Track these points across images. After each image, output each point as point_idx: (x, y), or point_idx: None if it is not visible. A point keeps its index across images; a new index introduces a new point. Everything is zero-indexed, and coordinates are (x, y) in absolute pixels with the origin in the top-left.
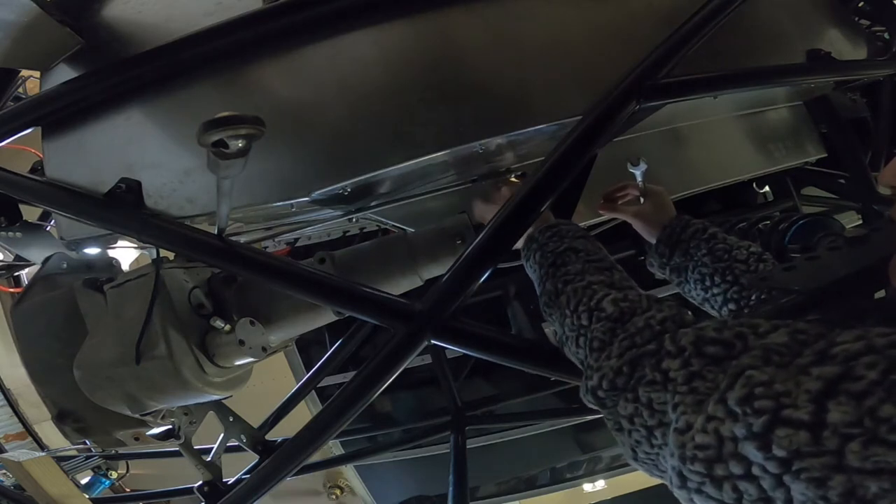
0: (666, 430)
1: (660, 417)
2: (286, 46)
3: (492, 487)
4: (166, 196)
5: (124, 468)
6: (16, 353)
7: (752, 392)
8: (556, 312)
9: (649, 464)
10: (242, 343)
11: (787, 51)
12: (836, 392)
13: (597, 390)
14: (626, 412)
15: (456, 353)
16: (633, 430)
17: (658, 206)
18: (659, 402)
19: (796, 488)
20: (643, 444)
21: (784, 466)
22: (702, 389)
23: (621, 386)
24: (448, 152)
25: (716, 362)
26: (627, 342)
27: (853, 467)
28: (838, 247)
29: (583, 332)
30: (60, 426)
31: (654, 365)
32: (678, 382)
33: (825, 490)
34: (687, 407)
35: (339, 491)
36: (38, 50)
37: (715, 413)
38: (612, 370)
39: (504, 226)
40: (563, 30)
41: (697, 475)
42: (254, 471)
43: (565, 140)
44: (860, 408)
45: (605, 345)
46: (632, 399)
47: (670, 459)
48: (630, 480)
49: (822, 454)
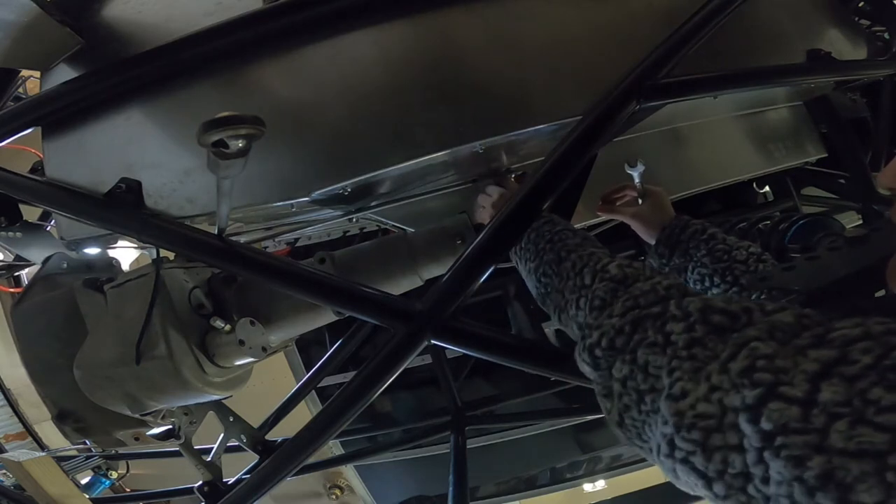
0: (656, 396)
1: (652, 382)
2: (286, 46)
3: (492, 487)
4: (166, 196)
5: (124, 468)
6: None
7: (753, 364)
8: (555, 280)
9: (633, 432)
10: (242, 343)
11: (787, 51)
12: (831, 374)
13: (594, 348)
14: (620, 374)
15: (456, 353)
16: (625, 393)
17: (656, 206)
18: (655, 365)
19: (774, 467)
20: (632, 410)
21: (767, 440)
22: (700, 357)
23: (620, 346)
24: (448, 152)
25: (719, 332)
26: (631, 303)
27: (836, 448)
28: (838, 247)
29: (584, 292)
30: (60, 426)
31: (658, 327)
32: (679, 346)
33: (802, 470)
34: (684, 373)
35: (339, 491)
36: (38, 50)
37: (720, 383)
38: (614, 329)
39: (504, 226)
40: (563, 30)
41: (691, 444)
42: (254, 471)
43: (565, 140)
44: (851, 389)
45: (606, 304)
46: (629, 360)
47: (661, 427)
48: (630, 480)
49: (807, 431)
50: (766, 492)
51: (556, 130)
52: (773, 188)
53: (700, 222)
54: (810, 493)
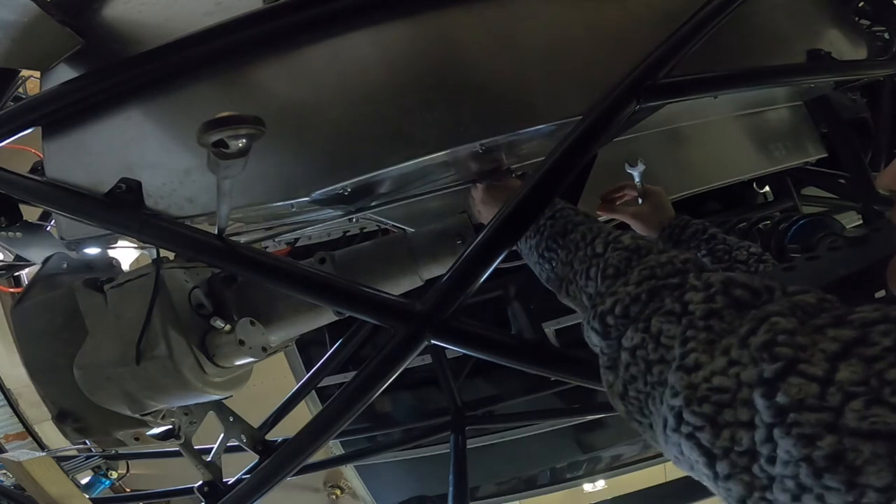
0: (665, 367)
1: (662, 353)
2: (286, 46)
3: (492, 487)
4: (166, 196)
5: (124, 468)
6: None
7: (774, 338)
8: (562, 252)
9: (635, 405)
10: (242, 343)
11: (787, 51)
12: (850, 355)
13: (607, 315)
14: (630, 343)
15: (456, 353)
16: (633, 363)
17: (657, 206)
18: (668, 335)
19: (783, 445)
20: (638, 381)
21: (779, 416)
22: (716, 329)
23: (634, 314)
24: (448, 152)
25: (738, 306)
26: (648, 272)
27: (849, 427)
28: (838, 247)
29: (596, 261)
30: (60, 426)
31: (677, 297)
32: (696, 316)
33: (812, 449)
34: (698, 344)
35: (339, 491)
36: (38, 50)
37: (739, 358)
38: (630, 296)
39: (504, 226)
40: (563, 30)
41: (700, 418)
42: (254, 471)
43: (565, 140)
44: (869, 370)
45: (620, 273)
46: (642, 329)
47: (670, 399)
48: (630, 480)
49: (822, 409)
50: (772, 472)
51: (555, 130)
52: (773, 188)
53: (700, 222)
54: (817, 474)
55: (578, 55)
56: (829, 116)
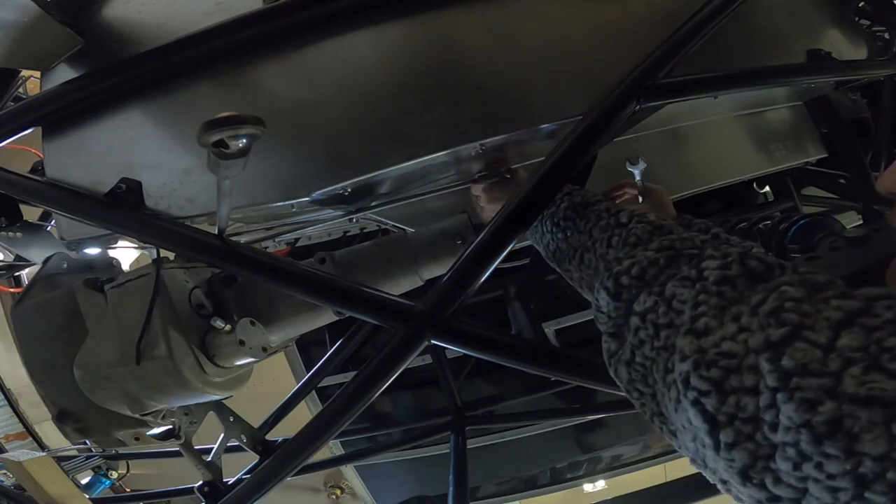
0: (672, 332)
1: (672, 317)
2: (286, 46)
3: (492, 487)
4: (166, 196)
5: (124, 468)
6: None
7: (781, 305)
8: (580, 223)
9: (640, 372)
10: (243, 343)
11: (787, 51)
12: (853, 324)
13: (622, 276)
14: (642, 307)
15: (456, 353)
16: (642, 327)
17: (657, 205)
18: (680, 299)
19: (785, 410)
20: (645, 346)
21: (783, 380)
22: (728, 295)
23: (650, 277)
24: (448, 152)
25: (751, 277)
26: (668, 242)
27: (847, 393)
28: (839, 247)
29: (619, 230)
30: (60, 426)
31: (694, 264)
32: (710, 281)
33: (812, 415)
34: (709, 308)
35: (339, 491)
36: (38, 50)
37: (749, 325)
38: (648, 259)
39: (504, 226)
40: (563, 30)
41: (707, 382)
42: (254, 471)
43: (565, 140)
44: (869, 337)
45: (642, 242)
46: (656, 293)
47: (679, 363)
48: (630, 480)
49: (822, 374)
50: (774, 439)
51: (555, 130)
52: (773, 188)
53: (703, 222)
54: (817, 440)
55: (578, 55)
56: (829, 116)
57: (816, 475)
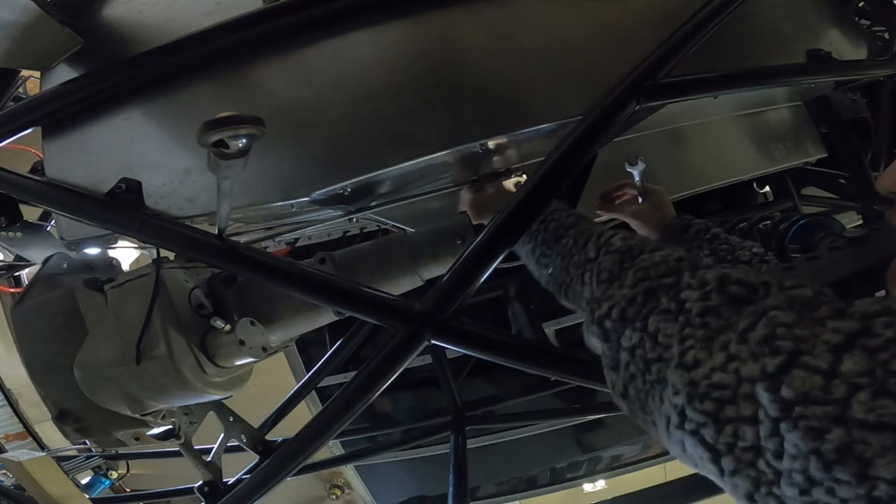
0: (662, 366)
1: (660, 352)
2: (286, 46)
3: (492, 487)
4: (166, 196)
5: (124, 468)
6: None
7: (773, 332)
8: (556, 259)
9: (636, 403)
10: (242, 343)
11: (787, 51)
12: (853, 346)
13: (604, 320)
14: (629, 343)
15: (456, 353)
16: (632, 362)
17: (657, 205)
18: (665, 333)
19: (790, 439)
20: (637, 379)
21: (785, 410)
22: (714, 326)
23: (631, 316)
24: (448, 152)
25: (735, 303)
26: (641, 273)
27: (856, 419)
28: (838, 247)
29: (589, 266)
30: (60, 426)
31: (672, 296)
32: (692, 314)
33: (820, 443)
34: (696, 341)
35: (339, 491)
36: (38, 50)
37: (738, 353)
38: (625, 299)
39: (504, 226)
40: (563, 30)
41: (702, 415)
42: (254, 471)
43: (565, 140)
44: (873, 360)
45: (614, 276)
46: (639, 328)
47: (672, 397)
48: (630, 480)
49: (827, 402)
50: (779, 467)
51: (555, 130)
52: (773, 188)
53: (703, 222)
54: (827, 467)
55: (578, 55)
56: (829, 116)
57: (828, 500)
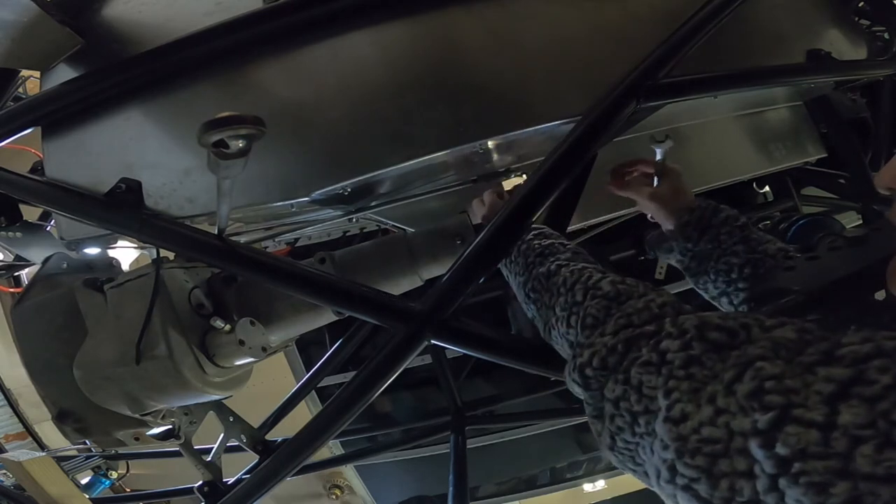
0: (651, 418)
1: (647, 404)
2: (286, 46)
3: (492, 487)
4: (166, 196)
5: (124, 468)
6: (16, 353)
7: (761, 386)
8: (545, 296)
9: (625, 455)
10: (242, 343)
11: (787, 51)
12: (849, 395)
13: (585, 368)
14: (612, 395)
15: (456, 353)
16: (618, 415)
17: (675, 189)
18: (649, 385)
19: (791, 494)
20: (625, 432)
21: (783, 467)
22: (698, 377)
23: (612, 365)
24: (448, 152)
25: (716, 350)
26: (624, 321)
27: (862, 473)
28: (838, 247)
29: (576, 309)
30: (60, 426)
31: (653, 346)
32: (675, 366)
33: (825, 497)
34: (682, 394)
35: (339, 491)
36: (38, 50)
37: (727, 406)
38: (606, 347)
39: (504, 226)
40: (563, 30)
41: (695, 470)
42: (254, 471)
43: (565, 140)
44: (873, 411)
45: (599, 322)
46: (622, 381)
47: (661, 452)
48: (630, 480)
49: (828, 457)
50: None
51: (556, 130)
52: (773, 188)
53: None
54: None
55: (578, 55)
56: (829, 116)
57: None
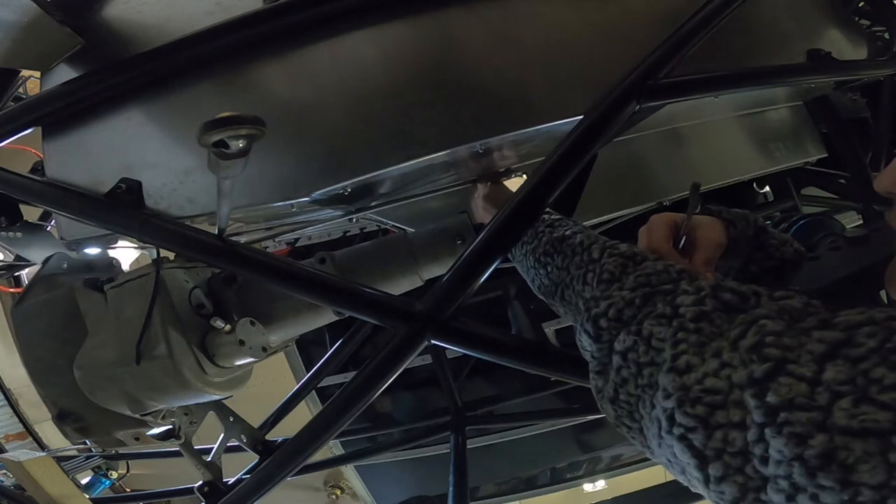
0: (654, 370)
1: (653, 356)
2: (286, 46)
3: (492, 487)
4: (166, 196)
5: (124, 468)
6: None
7: (762, 340)
8: (558, 258)
9: (624, 409)
10: (242, 343)
11: (787, 51)
12: (836, 356)
13: (600, 318)
14: (621, 346)
15: (456, 353)
16: (624, 366)
17: (712, 232)
18: (658, 337)
19: (774, 445)
20: (629, 384)
21: (770, 416)
22: (706, 331)
23: (627, 318)
24: (448, 152)
25: (727, 310)
26: (643, 279)
27: (838, 426)
28: (838, 247)
29: (592, 266)
30: (60, 426)
31: (668, 301)
32: (686, 319)
33: (803, 448)
34: (689, 346)
35: (339, 491)
36: (38, 50)
37: (730, 360)
38: (624, 300)
39: (504, 226)
40: (563, 30)
41: (693, 419)
42: (254, 471)
43: (565, 140)
44: (854, 369)
45: (615, 278)
46: (634, 332)
47: (662, 401)
48: (630, 480)
49: (811, 408)
50: (765, 472)
51: (555, 130)
52: (773, 188)
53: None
54: (811, 473)
55: (578, 55)
56: (829, 116)
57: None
